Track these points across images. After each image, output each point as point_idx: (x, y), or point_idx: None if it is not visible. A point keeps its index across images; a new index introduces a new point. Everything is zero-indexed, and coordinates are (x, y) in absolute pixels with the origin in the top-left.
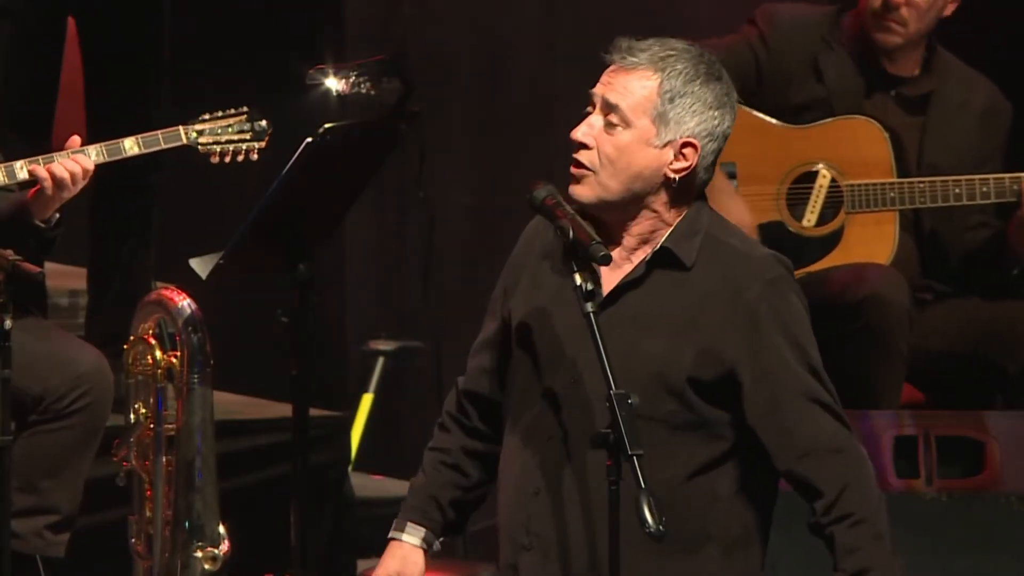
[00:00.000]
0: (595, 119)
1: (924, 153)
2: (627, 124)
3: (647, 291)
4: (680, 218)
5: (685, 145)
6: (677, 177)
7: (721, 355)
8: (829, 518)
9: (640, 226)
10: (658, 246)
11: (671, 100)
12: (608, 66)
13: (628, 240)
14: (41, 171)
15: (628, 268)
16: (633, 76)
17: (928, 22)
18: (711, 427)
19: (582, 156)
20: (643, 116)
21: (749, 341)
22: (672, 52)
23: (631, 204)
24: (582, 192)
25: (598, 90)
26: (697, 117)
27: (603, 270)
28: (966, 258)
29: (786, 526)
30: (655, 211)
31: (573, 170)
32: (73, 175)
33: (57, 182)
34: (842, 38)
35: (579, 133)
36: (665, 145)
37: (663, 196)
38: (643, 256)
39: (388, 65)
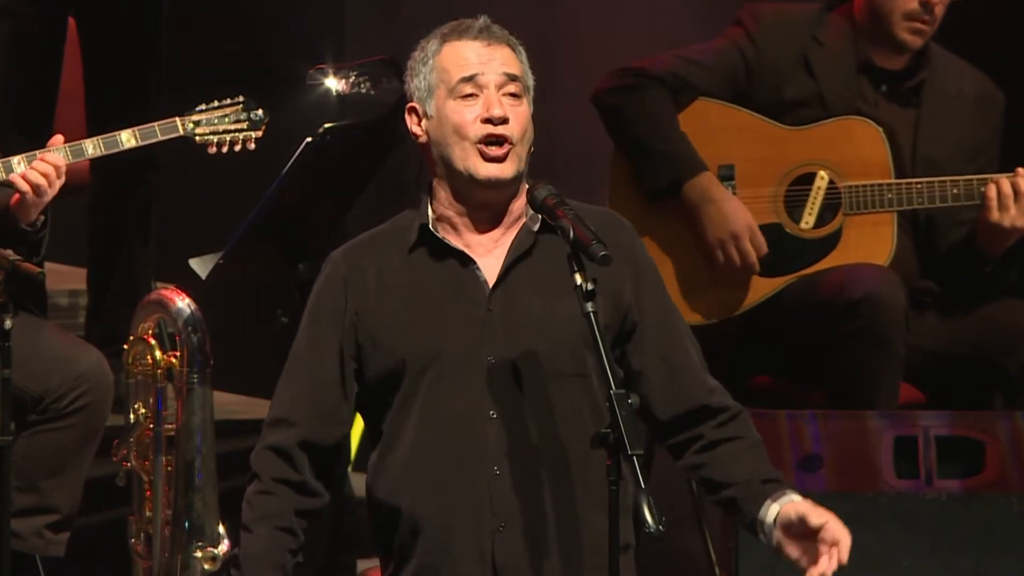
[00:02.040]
0: (494, 95)
1: (919, 145)
2: (525, 93)
3: (538, 258)
4: (526, 186)
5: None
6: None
7: (621, 299)
8: (721, 435)
9: (519, 200)
10: (539, 216)
11: (527, 72)
12: (464, 47)
13: (507, 218)
14: (18, 180)
15: (504, 243)
16: (505, 50)
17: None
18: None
19: (507, 130)
20: (526, 87)
21: (634, 281)
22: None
23: (523, 177)
24: (508, 169)
25: (484, 68)
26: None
27: (481, 247)
28: (948, 253)
29: None
30: (523, 182)
31: (497, 150)
32: (47, 176)
33: (34, 187)
34: (831, 34)
35: (496, 110)
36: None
37: None
38: (515, 230)
39: (388, 65)
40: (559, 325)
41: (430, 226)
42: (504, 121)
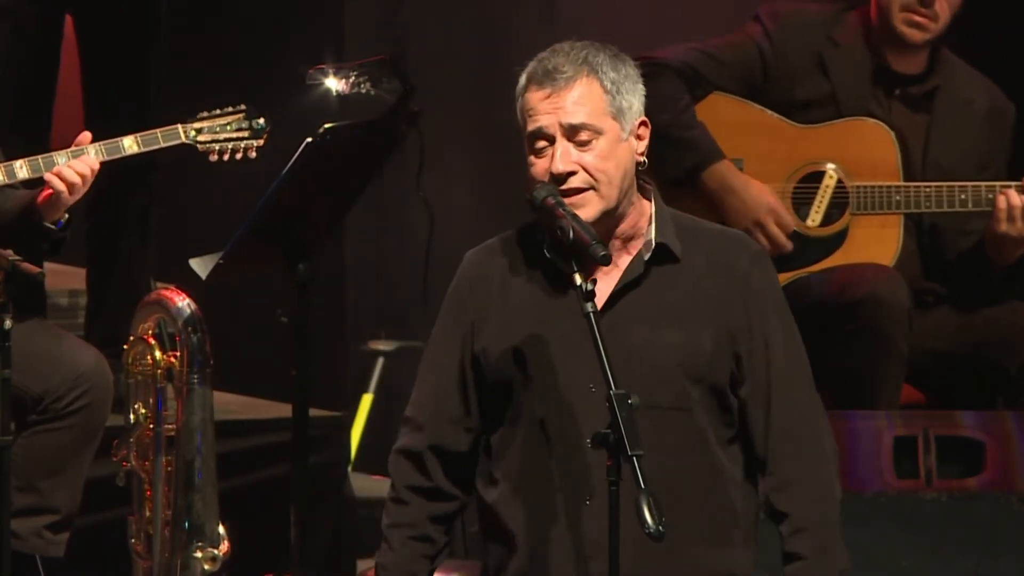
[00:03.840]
0: (562, 147)
1: (929, 151)
2: (598, 133)
3: (648, 288)
4: (652, 207)
5: (641, 125)
6: (644, 159)
7: (728, 329)
8: (777, 505)
9: (626, 223)
10: (653, 243)
11: (618, 91)
12: (532, 99)
13: (616, 242)
14: (55, 180)
15: (620, 267)
16: (575, 89)
17: (949, 19)
18: (730, 409)
19: (576, 181)
20: (605, 117)
21: (745, 309)
22: (586, 50)
23: (623, 204)
24: (588, 212)
25: (547, 120)
26: (637, 96)
27: (597, 272)
28: (956, 261)
29: None
30: (633, 202)
31: (568, 199)
32: (83, 176)
33: (69, 186)
34: (847, 35)
35: (559, 165)
36: (630, 134)
37: (635, 183)
38: (630, 253)
39: (388, 65)
40: (659, 355)
41: (545, 251)
42: (571, 174)
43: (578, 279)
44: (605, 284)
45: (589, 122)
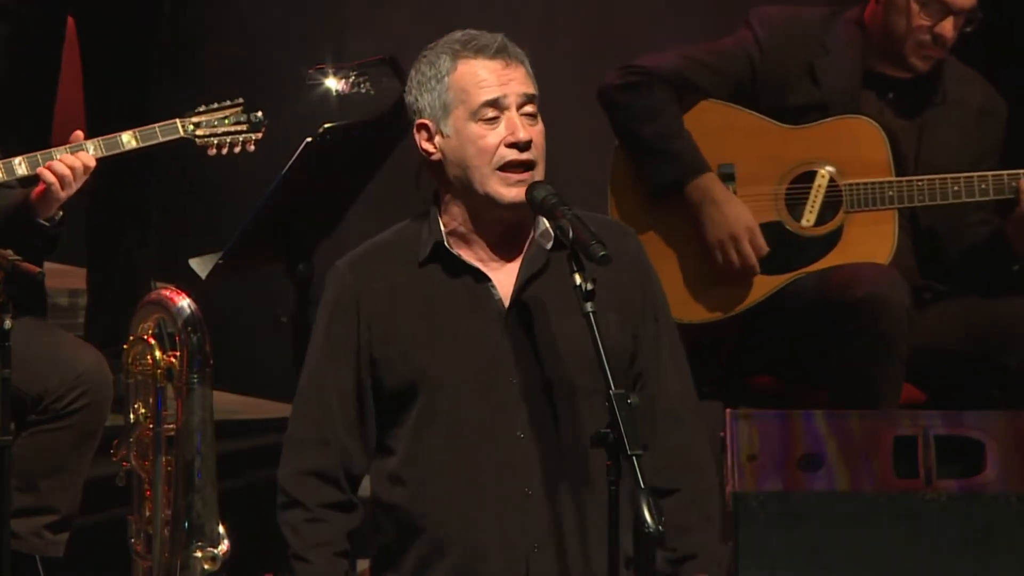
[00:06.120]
0: (516, 116)
1: (921, 155)
2: (537, 109)
3: (551, 276)
4: None
5: None
6: None
7: (629, 310)
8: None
9: (526, 211)
10: (551, 232)
11: (533, 76)
12: (483, 70)
13: (520, 233)
14: (46, 173)
15: (518, 260)
16: (521, 69)
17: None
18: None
19: (531, 153)
20: (538, 104)
21: (641, 289)
22: (502, 36)
23: None
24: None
25: (503, 90)
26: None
27: (495, 263)
28: (965, 255)
29: (786, 526)
30: None
31: (522, 175)
32: (74, 170)
33: (60, 178)
34: (839, 41)
35: (522, 133)
36: None
37: None
38: (523, 242)
39: (388, 65)
40: (578, 342)
41: (445, 243)
42: (528, 144)
43: (578, 279)
44: (506, 275)
45: (537, 96)
